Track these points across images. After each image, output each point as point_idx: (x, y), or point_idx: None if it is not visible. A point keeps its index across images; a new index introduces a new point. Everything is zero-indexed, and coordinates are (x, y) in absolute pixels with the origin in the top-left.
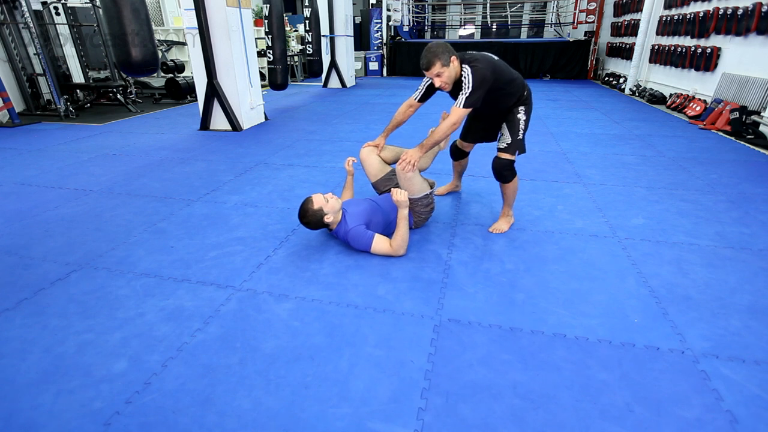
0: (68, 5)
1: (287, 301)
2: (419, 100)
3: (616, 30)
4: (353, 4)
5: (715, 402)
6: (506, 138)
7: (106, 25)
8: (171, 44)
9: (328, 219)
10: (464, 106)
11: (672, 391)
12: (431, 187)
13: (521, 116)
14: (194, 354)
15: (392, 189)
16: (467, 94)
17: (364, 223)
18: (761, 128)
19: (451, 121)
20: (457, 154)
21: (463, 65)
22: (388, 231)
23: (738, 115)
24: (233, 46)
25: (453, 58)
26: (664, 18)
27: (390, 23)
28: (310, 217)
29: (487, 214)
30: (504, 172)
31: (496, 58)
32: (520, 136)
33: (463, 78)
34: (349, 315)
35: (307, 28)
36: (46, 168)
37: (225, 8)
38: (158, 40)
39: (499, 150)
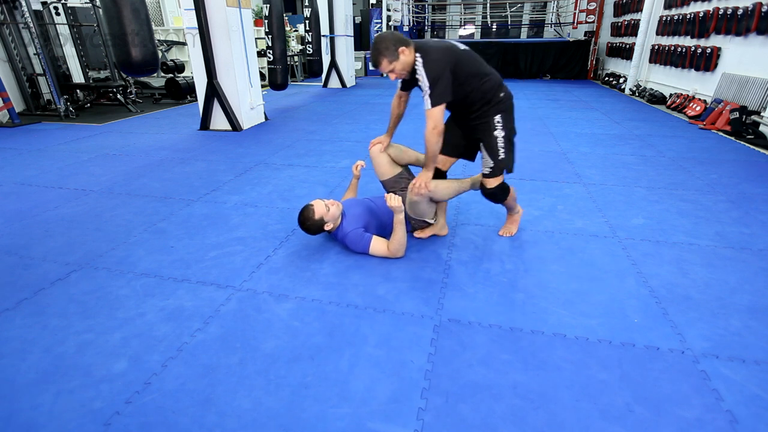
0: (68, 5)
1: (287, 301)
2: (402, 89)
3: (616, 30)
4: (353, 4)
5: (715, 402)
6: (488, 162)
7: (106, 25)
8: (171, 44)
9: (328, 227)
10: (433, 105)
11: (672, 391)
12: (432, 218)
13: (498, 133)
14: (194, 354)
15: (386, 195)
16: (429, 92)
17: (363, 226)
18: (761, 128)
19: (430, 127)
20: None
21: (416, 54)
22: (385, 232)
23: (738, 115)
24: (233, 46)
25: (401, 49)
26: (664, 18)
27: (390, 23)
28: (310, 225)
29: (488, 214)
30: (495, 198)
31: (461, 47)
32: (502, 156)
33: (416, 72)
34: (349, 315)
35: (307, 28)
36: (46, 168)
37: (225, 8)
38: (158, 40)
39: (484, 176)
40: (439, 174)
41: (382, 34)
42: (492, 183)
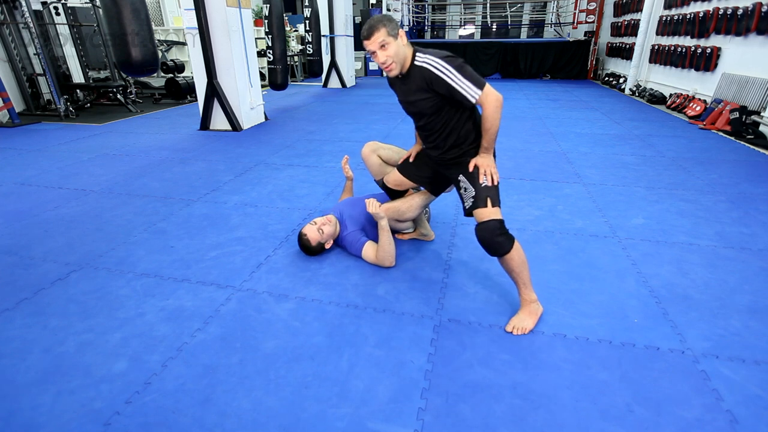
0: (68, 5)
1: (287, 301)
2: (418, 122)
3: (616, 30)
4: (353, 4)
5: (715, 402)
6: (470, 192)
7: (106, 25)
8: (171, 44)
9: (328, 245)
10: (480, 87)
11: (672, 391)
12: (409, 228)
13: None
14: (194, 354)
15: (366, 200)
16: (464, 78)
17: (361, 227)
18: (761, 128)
19: (491, 105)
20: (391, 194)
21: (417, 54)
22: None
23: (738, 115)
24: (233, 46)
25: (402, 32)
26: (664, 18)
27: None
28: (314, 252)
29: None
30: (496, 238)
31: None
32: (485, 182)
33: (434, 71)
34: (349, 315)
35: (307, 28)
36: (46, 168)
37: (225, 8)
38: (158, 40)
39: (472, 211)
40: (397, 195)
41: (381, 14)
42: (483, 215)
